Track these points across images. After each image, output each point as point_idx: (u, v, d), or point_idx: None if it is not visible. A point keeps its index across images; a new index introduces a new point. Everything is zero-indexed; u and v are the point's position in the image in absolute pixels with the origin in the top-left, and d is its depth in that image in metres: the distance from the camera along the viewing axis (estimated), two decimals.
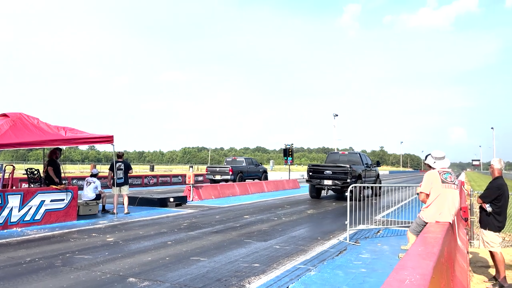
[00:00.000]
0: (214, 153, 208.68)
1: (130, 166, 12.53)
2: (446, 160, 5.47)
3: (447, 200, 5.11)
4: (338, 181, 16.89)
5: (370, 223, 10.61)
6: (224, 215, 12.05)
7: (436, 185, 5.18)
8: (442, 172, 5.27)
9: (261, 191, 21.35)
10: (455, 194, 5.21)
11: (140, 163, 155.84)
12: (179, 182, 29.85)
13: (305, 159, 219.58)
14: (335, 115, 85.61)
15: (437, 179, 5.21)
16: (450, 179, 5.23)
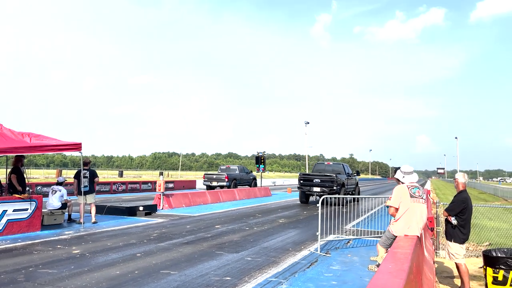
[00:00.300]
0: (185, 159, 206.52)
1: (96, 174, 12.19)
2: (414, 175, 5.63)
3: (415, 215, 5.24)
4: (326, 188, 18.93)
5: (341, 233, 10.74)
6: (195, 225, 11.90)
7: (405, 200, 5.32)
8: (410, 187, 5.42)
9: (233, 199, 21.25)
10: (423, 208, 5.36)
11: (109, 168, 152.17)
12: (148, 189, 29.35)
13: (277, 165, 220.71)
14: (307, 123, 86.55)
15: (406, 193, 5.34)
16: (418, 194, 5.38)
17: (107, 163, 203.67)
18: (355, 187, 22.85)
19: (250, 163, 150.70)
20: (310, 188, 19.71)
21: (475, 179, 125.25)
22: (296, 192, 31.78)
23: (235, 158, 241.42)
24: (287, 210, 17.34)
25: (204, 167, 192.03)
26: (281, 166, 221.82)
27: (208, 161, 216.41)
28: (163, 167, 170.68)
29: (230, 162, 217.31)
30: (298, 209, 17.96)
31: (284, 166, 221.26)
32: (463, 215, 5.95)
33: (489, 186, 48.24)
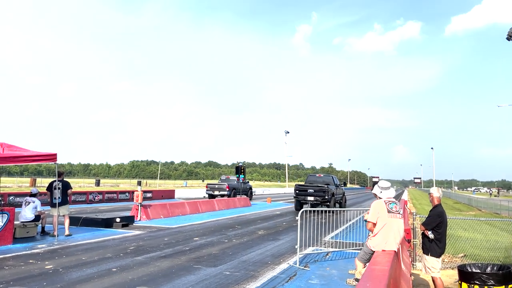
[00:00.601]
0: (164, 167, 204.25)
1: (69, 185, 11.90)
2: (391, 190, 5.71)
3: (392, 230, 5.31)
4: (318, 197, 21.49)
5: (320, 245, 10.77)
6: (173, 237, 11.73)
7: (383, 215, 5.38)
8: (388, 202, 5.49)
9: (212, 210, 21.09)
10: (400, 223, 5.43)
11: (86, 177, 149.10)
12: (126, 199, 28.83)
13: (257, 174, 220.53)
14: (287, 132, 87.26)
15: (384, 209, 5.41)
16: (395, 209, 5.45)
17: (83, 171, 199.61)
18: (342, 196, 25.15)
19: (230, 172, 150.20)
20: (304, 198, 21.98)
21: (451, 189, 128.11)
22: (276, 202, 31.97)
23: (215, 166, 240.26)
24: (267, 221, 17.30)
25: (183, 176, 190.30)
26: (261, 175, 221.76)
27: (187, 170, 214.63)
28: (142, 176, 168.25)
29: (210, 171, 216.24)
30: (277, 219, 17.95)
31: (264, 175, 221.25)
32: (439, 229, 6.06)
33: (463, 196, 49.37)
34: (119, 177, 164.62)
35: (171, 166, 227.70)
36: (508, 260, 8.92)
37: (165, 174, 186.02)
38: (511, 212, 24.56)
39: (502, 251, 10.40)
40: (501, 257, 9.84)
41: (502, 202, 28.49)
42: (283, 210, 23.99)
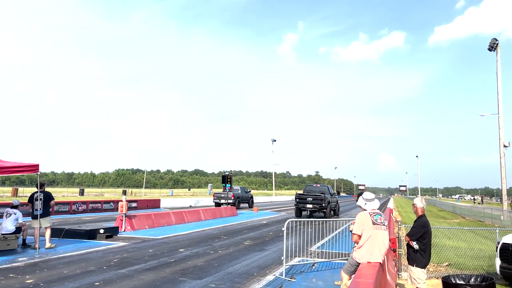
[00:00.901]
0: (150, 176, 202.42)
1: (51, 196, 11.67)
2: (375, 201, 5.73)
3: (377, 241, 5.32)
4: (316, 205, 23.74)
5: (306, 255, 10.74)
6: (158, 249, 11.57)
7: (368, 227, 5.39)
8: (372, 214, 5.51)
9: (198, 220, 20.91)
10: (385, 235, 5.45)
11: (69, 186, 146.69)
12: (111, 209, 28.41)
13: (244, 182, 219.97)
14: (273, 140, 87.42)
15: (368, 220, 5.42)
16: (380, 221, 5.47)
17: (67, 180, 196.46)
18: (336, 204, 27.39)
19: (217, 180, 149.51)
20: (304, 205, 24.24)
21: (435, 197, 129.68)
22: (263, 211, 31.91)
23: (202, 175, 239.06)
24: (253, 230, 17.22)
25: (170, 184, 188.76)
26: (248, 183, 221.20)
27: (173, 178, 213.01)
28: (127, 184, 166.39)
29: (196, 180, 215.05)
30: (264, 229, 17.88)
31: (251, 183, 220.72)
32: (424, 240, 6.10)
33: (448, 203, 49.99)
34: (104, 186, 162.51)
35: (157, 174, 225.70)
36: (492, 269, 9.01)
37: (151, 183, 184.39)
38: (494, 220, 24.92)
39: (486, 259, 10.53)
40: (485, 265, 9.96)
41: (485, 210, 28.92)
42: (269, 219, 23.92)
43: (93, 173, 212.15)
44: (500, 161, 29.62)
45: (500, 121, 29.95)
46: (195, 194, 78.63)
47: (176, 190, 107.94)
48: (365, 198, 5.71)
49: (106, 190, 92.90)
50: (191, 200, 41.21)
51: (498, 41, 30.50)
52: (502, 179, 29.92)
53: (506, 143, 29.44)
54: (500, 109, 30.07)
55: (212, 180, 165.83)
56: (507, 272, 7.96)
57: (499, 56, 30.44)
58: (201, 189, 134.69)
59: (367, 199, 5.68)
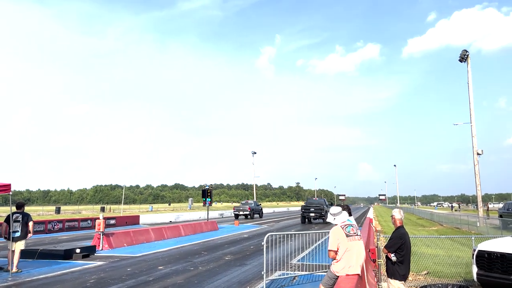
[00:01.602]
0: (129, 191, 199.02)
1: (30, 217, 11.32)
2: (343, 213, 5.73)
3: (354, 253, 5.33)
4: (317, 213, 32.53)
5: (287, 269, 10.69)
6: (136, 267, 11.31)
7: (342, 240, 5.40)
8: (344, 226, 5.51)
9: (178, 235, 20.61)
10: (360, 245, 5.46)
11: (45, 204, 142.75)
12: (88, 227, 27.73)
13: (225, 195, 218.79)
14: (254, 153, 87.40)
15: (342, 234, 5.43)
16: (353, 232, 5.48)
17: (43, 198, 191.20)
18: None
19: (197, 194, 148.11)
20: (308, 214, 33.15)
21: (414, 205, 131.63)
22: (244, 224, 31.78)
23: (182, 189, 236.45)
24: (234, 245, 17.06)
25: (149, 200, 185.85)
26: (229, 196, 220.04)
27: (153, 193, 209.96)
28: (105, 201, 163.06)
29: (176, 194, 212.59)
30: (245, 243, 17.75)
31: (232, 196, 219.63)
32: (402, 251, 6.11)
33: (426, 211, 50.76)
34: (82, 203, 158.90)
35: (136, 190, 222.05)
36: (470, 276, 9.14)
37: (130, 199, 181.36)
38: (471, 227, 25.39)
39: (463, 266, 10.69)
40: (463, 272, 10.11)
41: (462, 217, 29.45)
42: (251, 233, 23.78)
43: (70, 190, 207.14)
44: (474, 168, 30.39)
45: (472, 130, 30.81)
46: (175, 209, 77.60)
47: (156, 205, 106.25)
48: (332, 213, 5.72)
49: (84, 207, 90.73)
50: (171, 215, 40.61)
51: (468, 53, 31.56)
52: (476, 186, 30.67)
53: (479, 151, 30.27)
54: (472, 118, 30.96)
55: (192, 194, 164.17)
56: (484, 279, 8.09)
57: (469, 66, 31.45)
58: (181, 204, 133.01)
59: (335, 214, 5.70)
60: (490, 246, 8.27)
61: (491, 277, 7.90)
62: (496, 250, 7.96)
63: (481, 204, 31.61)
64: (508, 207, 28.32)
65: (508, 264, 7.58)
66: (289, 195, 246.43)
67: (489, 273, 7.95)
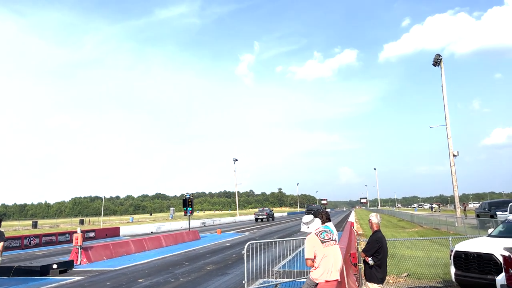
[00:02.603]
0: (109, 203, 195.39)
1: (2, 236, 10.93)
2: (315, 221, 5.75)
3: (331, 259, 5.34)
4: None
5: (269, 276, 10.64)
6: (115, 281, 11.07)
7: (318, 248, 5.40)
8: (319, 233, 5.52)
9: (159, 246, 20.30)
10: (336, 249, 5.47)
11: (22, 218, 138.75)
12: (66, 241, 27.06)
13: (207, 204, 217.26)
14: (235, 160, 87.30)
15: (317, 241, 5.43)
16: (327, 237, 5.48)
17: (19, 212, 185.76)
18: None
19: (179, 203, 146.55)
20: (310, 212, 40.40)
21: (395, 207, 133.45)
22: (227, 233, 31.66)
23: (163, 199, 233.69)
24: (216, 254, 16.91)
25: (130, 211, 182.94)
26: (211, 204, 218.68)
27: (134, 204, 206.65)
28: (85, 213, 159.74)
29: (158, 204, 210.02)
30: (227, 252, 17.61)
31: (214, 204, 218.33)
32: (379, 255, 6.16)
33: (406, 213, 51.54)
34: (60, 216, 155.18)
35: (116, 201, 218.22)
36: (448, 276, 9.28)
37: (110, 210, 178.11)
38: (449, 227, 25.86)
39: (442, 267, 10.85)
40: (441, 273, 10.26)
41: (440, 218, 29.98)
42: (233, 241, 23.65)
43: (48, 203, 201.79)
44: (451, 169, 31.05)
45: (448, 132, 31.52)
46: (156, 219, 76.55)
47: (137, 216, 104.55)
48: (305, 223, 5.74)
49: (62, 221, 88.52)
50: (152, 226, 40.02)
51: (441, 57, 32.37)
52: (454, 186, 31.33)
53: (455, 152, 30.96)
54: (447, 120, 31.70)
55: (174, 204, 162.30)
56: (462, 279, 8.22)
57: (443, 70, 32.25)
58: (163, 214, 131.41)
59: (307, 222, 5.72)
60: (467, 247, 8.42)
61: (468, 277, 8.03)
62: (473, 250, 8.11)
63: (458, 205, 32.28)
64: (485, 207, 28.99)
65: (485, 264, 7.73)
66: (272, 201, 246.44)
67: (467, 273, 8.08)
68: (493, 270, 7.50)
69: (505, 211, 23.80)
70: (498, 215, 24.73)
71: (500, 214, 24.28)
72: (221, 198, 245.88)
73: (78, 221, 69.22)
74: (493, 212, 26.01)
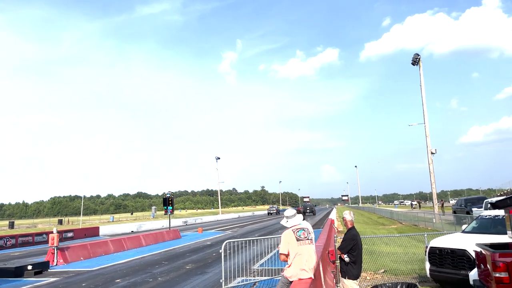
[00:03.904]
0: (89, 202, 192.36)
1: None
2: (297, 217, 5.74)
3: (304, 257, 5.33)
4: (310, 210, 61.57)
5: (248, 274, 10.63)
6: (92, 281, 10.89)
7: (293, 245, 5.40)
8: (296, 230, 5.51)
9: (139, 246, 20.07)
10: (311, 249, 5.47)
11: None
12: (43, 241, 26.49)
13: (190, 202, 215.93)
14: (217, 158, 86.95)
15: (292, 238, 5.43)
16: (304, 236, 5.48)
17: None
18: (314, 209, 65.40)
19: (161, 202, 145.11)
20: (305, 210, 59.22)
21: (377, 204, 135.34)
22: (208, 231, 31.54)
23: (145, 197, 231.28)
24: (196, 253, 16.81)
25: (111, 210, 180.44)
26: (194, 203, 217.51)
27: (115, 203, 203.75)
28: (64, 213, 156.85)
29: (139, 203, 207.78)
30: (207, 250, 17.53)
31: (197, 203, 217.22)
32: (354, 252, 6.23)
33: (386, 210, 52.29)
34: (38, 216, 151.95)
35: (97, 200, 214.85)
36: (424, 272, 9.43)
37: (91, 209, 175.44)
38: (427, 223, 26.33)
39: (418, 263, 11.03)
40: (418, 269, 10.42)
41: (419, 214, 30.51)
42: (214, 239, 23.57)
43: (26, 203, 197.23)
44: (429, 167, 31.62)
45: (426, 130, 32.07)
46: (138, 219, 75.71)
47: (117, 215, 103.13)
48: (286, 216, 5.73)
49: (40, 221, 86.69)
50: (133, 225, 39.56)
51: (420, 56, 32.89)
52: (431, 184, 31.92)
53: (433, 150, 31.53)
54: (425, 119, 32.24)
55: (156, 202, 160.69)
56: (436, 275, 8.37)
57: (421, 69, 32.79)
58: (144, 213, 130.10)
59: (288, 216, 5.70)
60: (441, 243, 8.57)
61: (443, 272, 8.18)
62: (447, 246, 8.26)
63: (436, 202, 32.91)
64: (461, 203, 29.62)
65: (458, 259, 7.87)
66: (255, 199, 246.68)
67: (441, 268, 8.23)
68: (467, 266, 7.65)
69: (481, 207, 24.36)
70: (473, 211, 25.31)
71: (475, 211, 24.85)
72: (203, 196, 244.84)
73: (56, 221, 67.93)
74: (469, 208, 26.60)
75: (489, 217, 9.27)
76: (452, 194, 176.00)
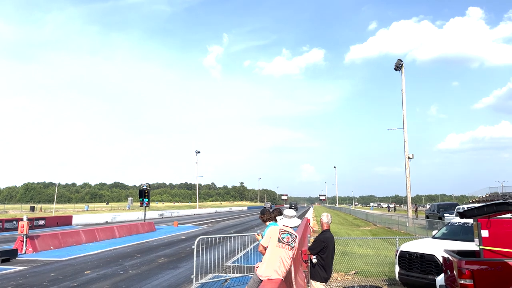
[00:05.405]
0: (64, 189, 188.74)
1: None
2: (293, 220, 5.66)
3: (278, 259, 5.30)
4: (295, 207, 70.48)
5: (220, 271, 10.60)
6: (60, 272, 10.67)
7: (273, 242, 5.36)
8: (282, 231, 5.47)
9: (112, 237, 19.79)
10: (287, 254, 5.41)
11: None
12: (14, 228, 25.82)
13: (167, 195, 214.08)
14: (197, 152, 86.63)
15: (275, 236, 5.40)
16: (286, 240, 5.42)
17: None
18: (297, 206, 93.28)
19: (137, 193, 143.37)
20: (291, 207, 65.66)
21: (353, 205, 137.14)
22: (184, 225, 31.37)
23: (122, 188, 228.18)
24: (170, 247, 16.68)
25: (86, 199, 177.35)
26: (171, 195, 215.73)
27: (91, 192, 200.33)
28: (37, 199, 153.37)
29: (116, 193, 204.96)
30: (181, 245, 17.42)
31: (174, 196, 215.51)
32: (323, 254, 6.20)
33: (362, 212, 53.03)
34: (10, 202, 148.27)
35: (72, 188, 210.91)
36: (393, 275, 9.59)
37: (65, 197, 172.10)
38: (401, 226, 26.84)
39: (389, 266, 11.21)
40: (388, 272, 10.59)
41: (393, 217, 31.08)
42: (189, 234, 23.44)
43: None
44: (405, 171, 32.18)
45: (405, 135, 32.62)
46: (113, 209, 74.69)
47: (92, 205, 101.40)
48: (285, 214, 5.71)
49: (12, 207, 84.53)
50: (108, 216, 39.00)
51: (402, 62, 33.40)
52: (407, 188, 32.51)
53: (410, 155, 32.10)
54: (405, 124, 32.79)
55: (133, 194, 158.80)
56: (404, 278, 8.53)
57: (403, 75, 33.30)
58: (120, 203, 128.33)
59: (286, 216, 5.67)
60: (411, 247, 8.73)
61: (411, 276, 8.34)
62: (416, 251, 8.42)
63: (410, 206, 33.53)
64: (434, 209, 30.27)
65: (427, 264, 8.04)
66: (233, 195, 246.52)
67: (410, 272, 8.39)
68: (434, 271, 7.82)
69: (453, 213, 24.98)
70: (445, 217, 25.90)
71: (447, 216, 25.45)
72: (181, 189, 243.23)
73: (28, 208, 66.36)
74: (441, 214, 27.20)
75: (459, 224, 9.48)
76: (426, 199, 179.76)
